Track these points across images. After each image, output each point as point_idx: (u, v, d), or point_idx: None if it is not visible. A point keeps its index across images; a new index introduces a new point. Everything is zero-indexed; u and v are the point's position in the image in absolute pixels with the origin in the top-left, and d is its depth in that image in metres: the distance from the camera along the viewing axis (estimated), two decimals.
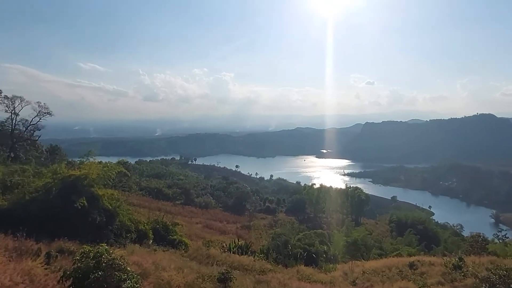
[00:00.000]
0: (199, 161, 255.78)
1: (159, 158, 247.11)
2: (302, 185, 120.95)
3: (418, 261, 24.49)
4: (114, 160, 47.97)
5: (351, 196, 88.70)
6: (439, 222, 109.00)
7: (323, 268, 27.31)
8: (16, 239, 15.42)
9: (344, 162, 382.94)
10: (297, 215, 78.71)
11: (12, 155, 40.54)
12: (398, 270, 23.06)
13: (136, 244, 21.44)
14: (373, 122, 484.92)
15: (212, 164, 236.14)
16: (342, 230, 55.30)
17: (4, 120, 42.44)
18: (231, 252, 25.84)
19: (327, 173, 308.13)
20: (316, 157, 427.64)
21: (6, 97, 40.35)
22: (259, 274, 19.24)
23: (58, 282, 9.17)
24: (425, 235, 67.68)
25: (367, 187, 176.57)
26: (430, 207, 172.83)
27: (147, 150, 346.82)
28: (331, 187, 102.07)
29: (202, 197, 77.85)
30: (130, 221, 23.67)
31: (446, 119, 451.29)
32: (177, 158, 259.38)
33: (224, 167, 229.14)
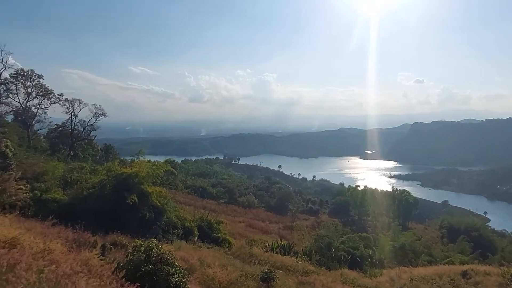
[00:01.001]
0: (242, 161, 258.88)
1: (203, 157, 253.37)
2: (346, 186, 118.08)
3: (472, 270, 23.05)
4: (161, 159, 50.00)
5: (398, 199, 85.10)
6: (495, 229, 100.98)
7: (368, 272, 26.57)
8: (75, 231, 16.63)
9: (391, 164, 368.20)
10: (340, 217, 77.03)
11: (72, 154, 43.66)
12: (449, 278, 21.87)
13: (182, 240, 22.24)
14: (422, 122, 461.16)
15: (254, 164, 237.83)
16: (388, 234, 53.35)
17: (65, 121, 45.87)
18: (274, 252, 25.95)
19: (372, 174, 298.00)
20: (361, 158, 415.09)
21: (66, 99, 43.59)
22: (302, 276, 19.17)
23: (113, 272, 9.73)
24: (479, 243, 63.12)
25: (416, 190, 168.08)
26: (485, 213, 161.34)
27: (192, 150, 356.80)
28: (376, 189, 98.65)
29: (245, 196, 78.69)
30: (177, 218, 24.60)
31: (504, 119, 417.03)
32: (221, 157, 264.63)
33: (267, 167, 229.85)
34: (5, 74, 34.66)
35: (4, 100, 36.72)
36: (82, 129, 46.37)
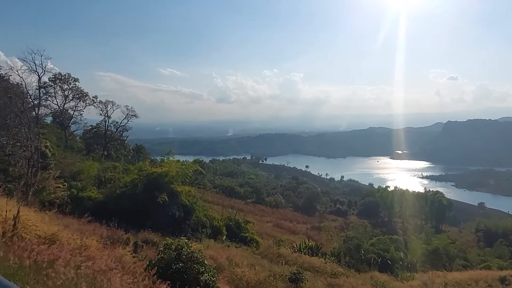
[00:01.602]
0: (269, 161, 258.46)
1: (231, 157, 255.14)
2: (376, 187, 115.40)
3: (511, 276, 21.87)
4: (190, 159, 50.84)
5: (430, 200, 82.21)
6: None
7: (399, 276, 25.82)
8: (109, 228, 17.24)
9: (422, 164, 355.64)
10: (369, 218, 75.37)
11: (105, 153, 45.29)
12: (486, 284, 20.90)
13: (211, 239, 22.52)
14: (456, 121, 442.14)
15: (282, 164, 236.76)
16: (420, 237, 51.62)
17: (99, 123, 47.73)
18: (302, 252, 25.76)
19: (403, 175, 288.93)
20: (391, 158, 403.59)
21: (100, 101, 45.39)
22: (331, 277, 18.91)
23: (145, 270, 9.98)
24: None
25: (449, 192, 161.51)
26: None
27: (220, 150, 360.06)
28: (407, 190, 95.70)
29: (273, 196, 78.66)
30: (205, 217, 24.95)
31: None
32: (248, 157, 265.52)
33: (294, 167, 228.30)
34: (44, 78, 36.41)
35: (43, 103, 38.59)
36: (115, 130, 48.04)
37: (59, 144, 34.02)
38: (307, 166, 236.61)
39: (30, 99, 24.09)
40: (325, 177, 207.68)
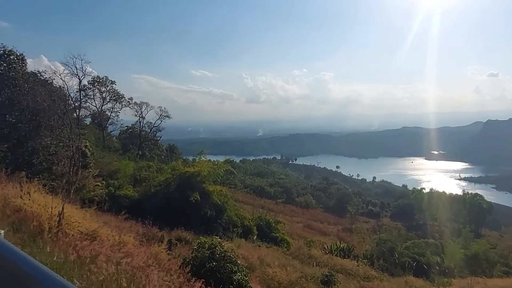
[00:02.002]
0: (299, 161, 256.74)
1: (261, 157, 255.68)
2: (410, 188, 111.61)
3: None
4: (221, 158, 51.50)
5: (469, 203, 78.50)
6: None
7: (436, 281, 24.93)
8: (144, 226, 17.81)
9: (460, 165, 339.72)
10: (403, 221, 73.02)
11: (140, 153, 46.84)
12: None
13: (242, 239, 22.71)
14: (497, 120, 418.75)
15: (312, 164, 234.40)
16: (458, 241, 49.44)
17: (134, 123, 49.48)
18: (333, 254, 25.47)
19: (439, 176, 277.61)
20: (426, 159, 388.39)
21: (135, 103, 47.04)
22: (364, 280, 18.55)
23: (179, 267, 10.22)
24: None
25: (490, 194, 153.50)
26: None
27: (250, 150, 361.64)
28: (444, 192, 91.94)
29: (303, 196, 78.08)
30: (236, 216, 25.21)
31: None
32: (278, 157, 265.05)
33: (324, 167, 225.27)
34: (84, 81, 38.16)
35: (83, 105, 40.47)
36: (149, 130, 49.61)
37: (97, 144, 35.55)
38: (337, 167, 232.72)
39: (71, 102, 25.35)
40: (357, 178, 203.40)
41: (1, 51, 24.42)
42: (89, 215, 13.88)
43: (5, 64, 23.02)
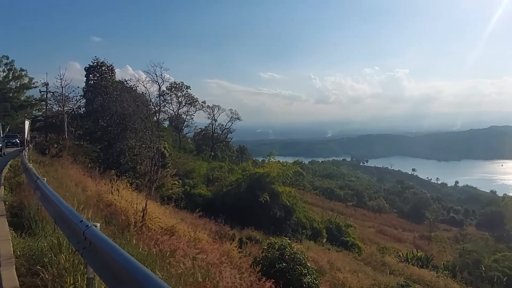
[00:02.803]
0: (371, 163, 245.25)
1: (330, 159, 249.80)
2: (500, 195, 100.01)
3: None
4: (290, 160, 51.59)
5: None
6: None
7: None
8: (216, 223, 18.61)
9: None
10: (492, 231, 65.63)
11: (213, 154, 49.06)
12: None
13: (311, 241, 22.48)
14: None
15: (384, 166, 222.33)
16: None
17: (207, 125, 52.12)
18: (409, 263, 23.93)
19: None
20: None
21: (208, 106, 49.49)
22: None
23: (250, 266, 10.47)
24: None
25: None
26: None
27: (319, 151, 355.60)
28: None
29: (375, 200, 74.67)
30: (305, 218, 25.06)
31: None
32: (348, 159, 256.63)
33: (399, 170, 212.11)
34: (163, 87, 41.36)
35: (162, 109, 43.75)
36: (221, 132, 51.81)
37: (174, 145, 38.10)
38: (413, 169, 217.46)
39: (152, 106, 27.60)
40: (436, 182, 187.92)
41: (95, 63, 27.62)
42: (168, 212, 14.95)
43: (98, 75, 25.96)
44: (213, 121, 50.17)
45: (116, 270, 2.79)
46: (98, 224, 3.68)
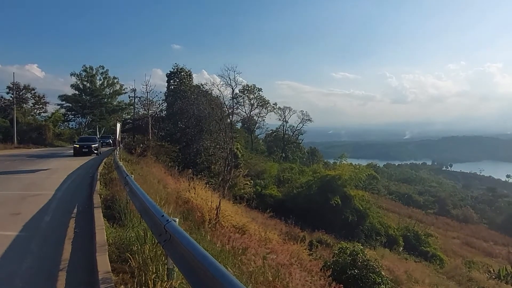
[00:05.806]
0: (456, 168, 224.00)
1: (408, 162, 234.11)
2: None
3: None
4: (363, 162, 49.63)
5: None
6: None
7: None
8: (287, 224, 18.71)
9: None
10: None
11: (283, 155, 49.37)
12: None
13: (386, 248, 21.39)
14: None
15: (472, 171, 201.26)
16: None
17: (278, 127, 52.66)
18: (501, 280, 21.33)
19: None
20: None
21: (279, 108, 49.98)
22: None
23: (320, 269, 10.33)
24: None
25: None
26: None
27: (395, 154, 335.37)
28: None
29: (460, 208, 68.07)
30: (380, 224, 23.91)
31: None
32: (429, 163, 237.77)
33: (490, 176, 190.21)
34: (236, 90, 42.87)
35: (235, 111, 45.33)
36: (292, 134, 51.91)
37: (246, 146, 39.16)
38: (508, 176, 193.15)
39: (226, 109, 28.81)
40: None
41: (175, 69, 29.77)
42: (240, 211, 15.44)
43: (178, 80, 27.91)
44: (284, 123, 50.55)
45: (193, 263, 2.99)
46: (177, 219, 3.95)
